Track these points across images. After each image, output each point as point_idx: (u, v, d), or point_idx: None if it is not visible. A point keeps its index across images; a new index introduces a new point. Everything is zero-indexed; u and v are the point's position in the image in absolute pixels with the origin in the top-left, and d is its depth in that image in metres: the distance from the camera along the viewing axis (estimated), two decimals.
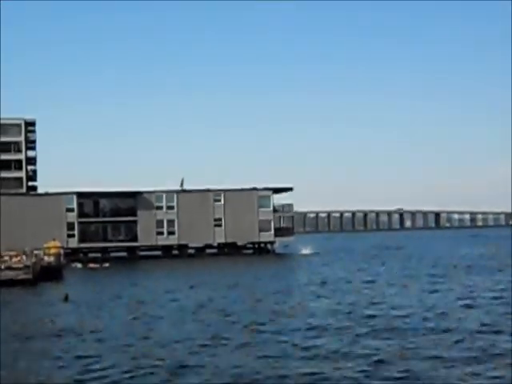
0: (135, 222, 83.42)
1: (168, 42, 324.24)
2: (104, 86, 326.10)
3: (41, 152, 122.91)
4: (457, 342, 20.54)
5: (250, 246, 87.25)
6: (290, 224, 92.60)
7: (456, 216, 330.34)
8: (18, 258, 48.37)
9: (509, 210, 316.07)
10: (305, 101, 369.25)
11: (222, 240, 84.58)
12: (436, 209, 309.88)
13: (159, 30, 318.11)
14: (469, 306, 28.89)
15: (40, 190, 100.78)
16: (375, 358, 18.31)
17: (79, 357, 19.62)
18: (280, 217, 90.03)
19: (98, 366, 18.27)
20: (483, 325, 23.59)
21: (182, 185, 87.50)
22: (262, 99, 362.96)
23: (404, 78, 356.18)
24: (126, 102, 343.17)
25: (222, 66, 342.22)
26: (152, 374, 17.22)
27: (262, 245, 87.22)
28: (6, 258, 48.38)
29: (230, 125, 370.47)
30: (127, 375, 17.11)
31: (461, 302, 30.31)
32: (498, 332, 22.11)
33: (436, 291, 35.38)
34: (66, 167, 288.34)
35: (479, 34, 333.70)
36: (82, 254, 79.44)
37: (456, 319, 25.01)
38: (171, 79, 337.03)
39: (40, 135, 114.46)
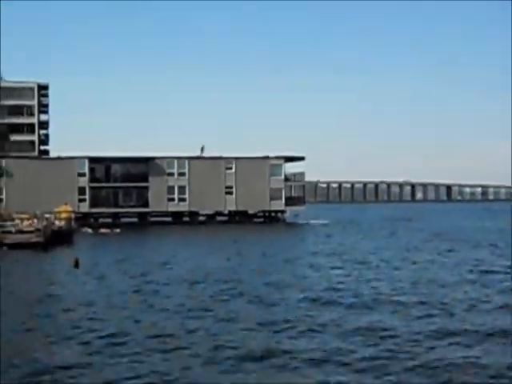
0: (146, 187, 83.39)
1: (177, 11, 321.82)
2: (117, 52, 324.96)
3: (53, 116, 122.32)
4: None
5: (261, 214, 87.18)
6: (300, 193, 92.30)
7: (468, 189, 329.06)
8: (30, 222, 48.54)
9: None
10: (317, 71, 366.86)
11: (233, 208, 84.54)
12: (448, 181, 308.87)
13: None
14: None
15: (52, 154, 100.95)
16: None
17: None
18: (291, 186, 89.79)
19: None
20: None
21: (202, 152, 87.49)
22: (274, 69, 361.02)
23: (418, 51, 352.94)
24: (141, 68, 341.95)
25: (233, 34, 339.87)
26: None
27: (273, 214, 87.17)
28: (18, 221, 48.58)
29: (243, 92, 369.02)
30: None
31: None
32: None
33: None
34: (79, 132, 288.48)
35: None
36: (92, 219, 79.67)
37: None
38: (184, 47, 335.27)
39: (53, 99, 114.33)
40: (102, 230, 68.01)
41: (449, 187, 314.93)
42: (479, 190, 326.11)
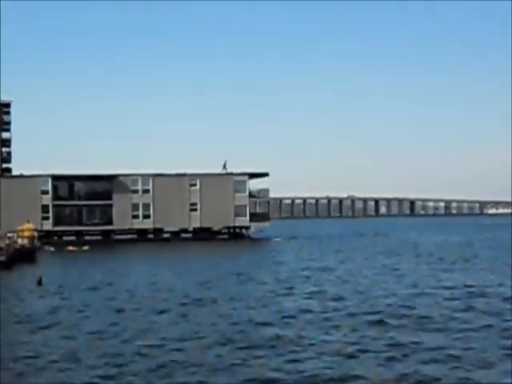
0: (110, 205, 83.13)
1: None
2: (79, 68, 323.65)
3: (16, 134, 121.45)
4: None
5: (226, 230, 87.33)
6: (265, 209, 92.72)
7: (431, 204, 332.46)
8: None
9: (483, 199, 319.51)
10: (278, 85, 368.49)
11: (198, 225, 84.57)
12: (411, 196, 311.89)
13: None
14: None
15: (14, 173, 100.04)
16: None
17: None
18: (256, 202, 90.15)
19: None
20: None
21: (224, 167, 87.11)
22: (234, 86, 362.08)
23: (379, 70, 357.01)
24: (103, 85, 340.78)
25: (199, 48, 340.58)
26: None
27: (238, 230, 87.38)
28: None
29: (205, 109, 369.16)
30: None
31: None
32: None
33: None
34: (42, 150, 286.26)
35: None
36: (56, 237, 79.16)
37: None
38: (143, 59, 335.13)
39: (15, 117, 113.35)
40: (70, 248, 67.51)
41: (412, 202, 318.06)
42: (442, 204, 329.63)
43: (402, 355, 16.93)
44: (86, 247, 67.64)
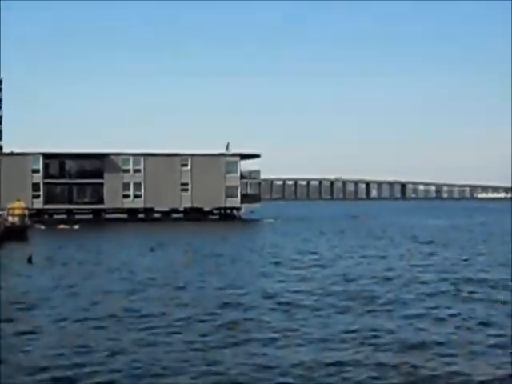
0: (101, 184, 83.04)
1: None
2: (73, 46, 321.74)
3: (7, 111, 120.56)
4: None
5: (216, 211, 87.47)
6: (256, 191, 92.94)
7: (422, 187, 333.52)
8: None
9: (474, 183, 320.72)
10: (275, 65, 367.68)
11: (189, 205, 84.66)
12: (402, 179, 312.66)
13: None
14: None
15: (5, 150, 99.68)
16: None
17: None
18: (247, 183, 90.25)
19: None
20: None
21: (227, 149, 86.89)
22: (234, 62, 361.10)
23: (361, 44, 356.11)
24: (95, 64, 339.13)
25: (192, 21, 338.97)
26: None
27: (228, 211, 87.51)
28: None
29: (199, 87, 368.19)
30: None
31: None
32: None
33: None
34: (33, 127, 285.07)
35: None
36: (47, 216, 79.15)
37: None
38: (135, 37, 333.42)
39: (6, 94, 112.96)
40: (61, 226, 67.60)
41: (403, 185, 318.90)
42: (433, 188, 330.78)
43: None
44: (76, 226, 67.77)
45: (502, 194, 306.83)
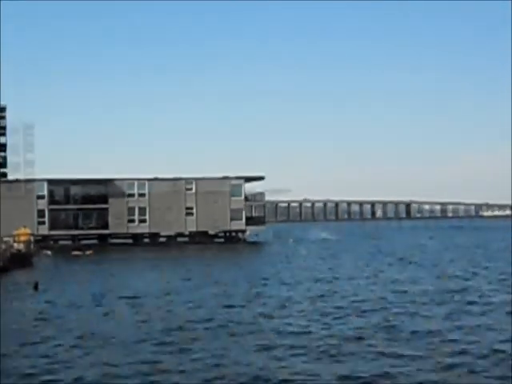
0: (106, 209, 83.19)
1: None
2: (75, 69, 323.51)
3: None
4: None
5: (222, 234, 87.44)
6: (261, 213, 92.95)
7: (427, 207, 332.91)
8: None
9: (479, 201, 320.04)
10: (274, 90, 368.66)
11: (194, 228, 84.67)
12: (407, 199, 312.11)
13: None
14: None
15: (10, 177, 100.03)
16: None
17: None
18: (251, 206, 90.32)
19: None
20: None
21: None
22: (235, 89, 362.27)
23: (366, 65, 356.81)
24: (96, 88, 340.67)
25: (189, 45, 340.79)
26: None
27: (233, 233, 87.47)
28: None
29: (201, 114, 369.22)
30: None
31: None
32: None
33: None
34: (39, 154, 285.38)
35: None
36: (52, 242, 79.15)
37: None
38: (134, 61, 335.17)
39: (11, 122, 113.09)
40: (75, 253, 65.79)
41: (408, 205, 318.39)
42: (438, 207, 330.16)
43: None
44: (89, 252, 66.64)
45: (508, 212, 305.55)
